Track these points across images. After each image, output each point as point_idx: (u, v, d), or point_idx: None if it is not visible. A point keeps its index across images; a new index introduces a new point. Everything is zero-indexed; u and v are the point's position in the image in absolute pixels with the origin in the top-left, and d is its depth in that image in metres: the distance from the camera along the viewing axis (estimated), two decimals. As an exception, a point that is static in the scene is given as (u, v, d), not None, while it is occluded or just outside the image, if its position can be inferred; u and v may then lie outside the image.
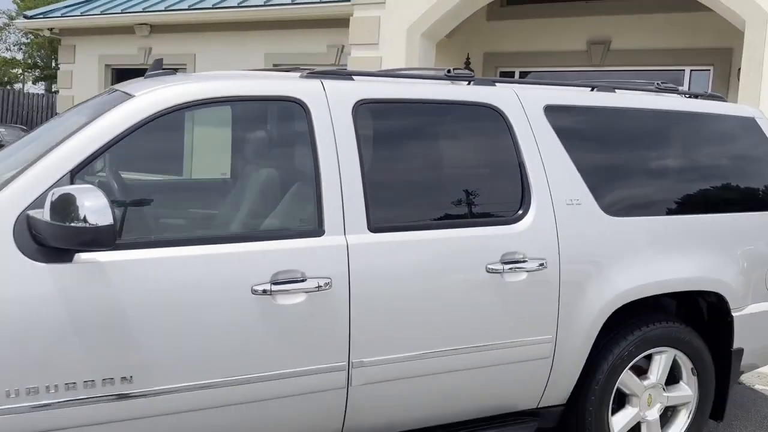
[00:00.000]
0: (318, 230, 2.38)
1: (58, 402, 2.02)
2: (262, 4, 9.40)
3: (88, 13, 10.92)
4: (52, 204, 1.93)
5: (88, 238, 1.87)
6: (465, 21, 7.48)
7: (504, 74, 8.65)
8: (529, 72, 8.58)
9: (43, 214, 1.93)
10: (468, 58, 8.49)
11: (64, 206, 1.89)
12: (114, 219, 1.88)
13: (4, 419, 1.95)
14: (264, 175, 2.51)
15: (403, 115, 2.69)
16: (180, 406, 2.18)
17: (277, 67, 3.05)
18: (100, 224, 1.86)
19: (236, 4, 9.64)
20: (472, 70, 8.12)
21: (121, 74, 11.41)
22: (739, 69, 6.34)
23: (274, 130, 2.59)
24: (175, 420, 2.19)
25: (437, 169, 2.75)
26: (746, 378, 4.48)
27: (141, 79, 2.73)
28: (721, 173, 3.38)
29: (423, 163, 2.71)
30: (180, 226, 2.37)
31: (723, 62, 7.42)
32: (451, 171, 2.79)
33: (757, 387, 4.46)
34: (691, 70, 7.74)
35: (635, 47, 7.79)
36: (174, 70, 2.73)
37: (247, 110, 2.52)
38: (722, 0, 5.78)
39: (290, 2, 9.16)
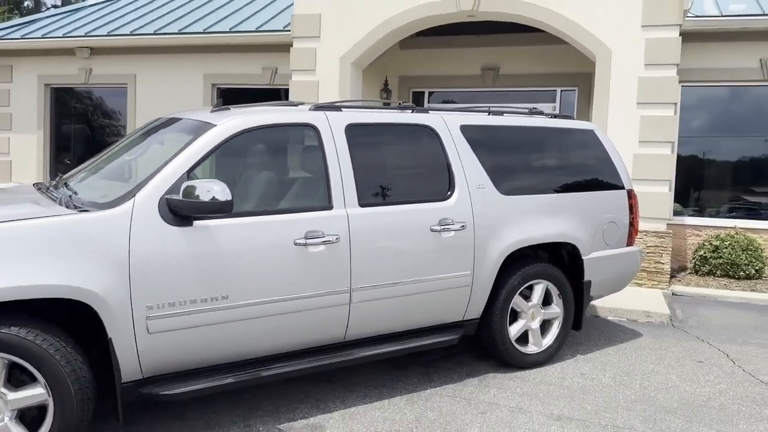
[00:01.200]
0: (329, 206, 3.83)
1: (187, 310, 3.34)
2: (202, 31, 10.36)
3: (28, 36, 11.34)
4: (187, 189, 3.26)
5: (216, 208, 3.22)
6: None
7: (415, 94, 10.33)
8: (435, 92, 10.31)
9: (180, 196, 3.27)
10: (386, 81, 10.09)
11: (199, 190, 3.23)
12: (231, 196, 3.25)
13: (167, 319, 3.26)
14: (296, 172, 3.96)
15: (374, 132, 4.18)
16: (254, 313, 3.55)
17: (287, 102, 4.37)
18: (224, 200, 3.22)
19: (177, 31, 10.51)
20: (390, 91, 9.79)
21: (60, 93, 12.04)
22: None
23: (299, 144, 4.02)
24: (252, 322, 3.55)
25: (397, 166, 4.26)
26: (602, 312, 6.33)
27: (207, 110, 4.02)
28: (573, 167, 5.11)
29: (388, 163, 4.22)
30: (253, 205, 3.72)
31: (585, 84, 9.45)
32: (406, 167, 4.31)
33: (609, 318, 6.31)
34: (561, 90, 9.74)
35: (518, 72, 9.70)
36: (227, 107, 4.04)
37: (282, 132, 3.92)
38: (579, 39, 7.68)
39: (228, 31, 10.21)
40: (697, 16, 7.95)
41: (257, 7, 11.12)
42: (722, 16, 8.03)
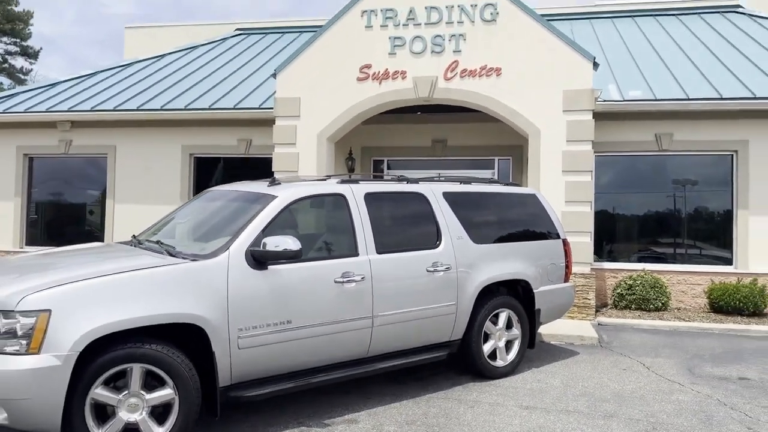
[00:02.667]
0: (356, 253, 5.18)
1: (264, 332, 4.56)
2: (183, 108, 11.57)
3: (10, 110, 12.15)
4: (266, 243, 4.54)
5: (291, 255, 4.51)
6: (349, 125, 10.60)
7: (376, 162, 11.91)
8: (393, 160, 11.92)
9: (261, 248, 4.53)
10: (350, 151, 11.61)
11: (276, 243, 4.51)
12: (300, 246, 4.55)
13: (251, 338, 4.47)
14: (332, 228, 5.32)
15: (384, 198, 5.59)
16: (308, 334, 4.78)
17: (316, 177, 5.81)
18: (297, 248, 4.52)
19: (159, 107, 11.69)
20: (354, 159, 11.29)
21: (40, 163, 12.80)
22: (527, 159, 10.13)
23: (333, 208, 5.37)
24: (309, 341, 4.78)
25: (400, 223, 5.68)
26: (547, 338, 7.85)
27: (263, 184, 5.32)
28: (522, 222, 6.69)
29: (394, 220, 5.63)
30: (306, 252, 4.99)
31: (517, 154, 11.32)
32: (406, 224, 5.73)
33: (553, 342, 7.83)
34: (498, 159, 11.58)
35: (463, 144, 11.49)
36: (279, 181, 5.35)
37: (321, 200, 5.28)
38: (515, 121, 9.49)
39: (208, 107, 11.48)
40: (605, 101, 9.97)
41: (232, 84, 12.49)
42: (624, 100, 10.09)
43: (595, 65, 9.38)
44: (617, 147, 10.48)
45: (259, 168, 11.64)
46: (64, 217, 12.83)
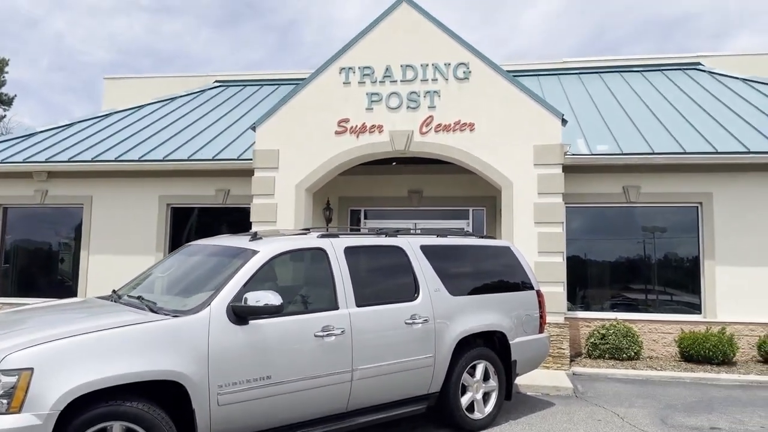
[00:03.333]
0: (336, 306, 5.26)
1: (244, 388, 4.59)
2: (162, 159, 11.68)
3: (-14, 161, 12.18)
4: (247, 298, 4.61)
5: (272, 310, 4.58)
6: (327, 177, 10.79)
7: (353, 212, 12.09)
8: (370, 210, 12.11)
9: (245, 303, 4.60)
10: (328, 201, 11.77)
11: (257, 298, 4.59)
12: (282, 301, 4.62)
13: (231, 395, 4.49)
14: (313, 281, 5.40)
15: (363, 252, 5.72)
16: (290, 389, 4.82)
17: (294, 230, 5.87)
18: (278, 303, 4.59)
19: (137, 158, 11.78)
20: (331, 209, 11.44)
21: (15, 212, 12.69)
22: (500, 210, 10.39)
23: (314, 262, 5.47)
24: (288, 396, 4.81)
25: (379, 276, 5.80)
26: (523, 389, 7.92)
27: (244, 238, 5.41)
28: (497, 273, 6.85)
29: (373, 273, 5.74)
30: (286, 306, 5.06)
31: (491, 205, 11.61)
32: (385, 276, 5.85)
33: (529, 393, 7.91)
34: (473, 209, 11.85)
35: (438, 195, 11.75)
36: (260, 236, 5.46)
37: (302, 254, 5.38)
38: (489, 174, 9.78)
39: (186, 158, 11.59)
40: (574, 155, 10.33)
41: (211, 135, 12.65)
42: (592, 154, 10.47)
43: (564, 121, 9.77)
44: (587, 198, 10.82)
45: (237, 218, 11.73)
46: (38, 267, 12.66)
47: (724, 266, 10.35)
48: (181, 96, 15.95)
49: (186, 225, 12.15)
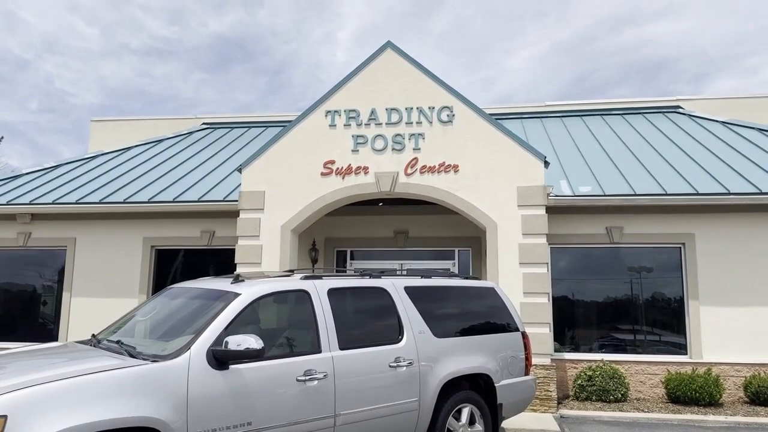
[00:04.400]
0: (319, 350, 5.21)
1: (225, 434, 4.50)
2: (146, 201, 11.66)
3: (-31, 203, 12.09)
4: (228, 342, 4.56)
5: (253, 354, 4.53)
6: (312, 218, 10.82)
7: (339, 252, 12.08)
8: (356, 251, 12.10)
9: (226, 347, 4.54)
10: (314, 242, 11.77)
11: (238, 342, 4.54)
12: (263, 345, 4.57)
13: (210, 439, 4.39)
14: (295, 324, 5.35)
15: (346, 293, 5.70)
16: (271, 435, 4.74)
17: (277, 272, 5.84)
18: (259, 347, 4.54)
19: (122, 200, 11.75)
20: (317, 250, 11.42)
21: (-4, 254, 12.56)
22: (486, 250, 10.43)
23: (297, 304, 5.43)
24: (269, 441, 4.73)
25: (363, 318, 5.76)
26: (510, 431, 7.82)
27: (226, 281, 5.38)
28: (481, 315, 6.83)
29: (356, 315, 5.71)
30: (268, 350, 5.00)
31: (476, 245, 11.66)
32: (369, 318, 5.81)
33: (515, 437, 7.80)
34: (458, 250, 11.88)
35: (424, 235, 11.79)
36: (242, 278, 5.43)
37: (285, 296, 5.35)
38: (473, 215, 9.87)
39: (171, 200, 11.59)
40: (557, 196, 10.45)
41: (197, 177, 12.68)
42: (575, 195, 10.60)
43: (546, 164, 9.91)
44: (571, 239, 10.90)
45: (222, 259, 11.67)
46: (20, 310, 12.45)
47: (708, 306, 10.41)
48: (168, 138, 16.03)
49: (171, 267, 12.06)
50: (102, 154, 14.92)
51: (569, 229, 10.86)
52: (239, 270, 9.84)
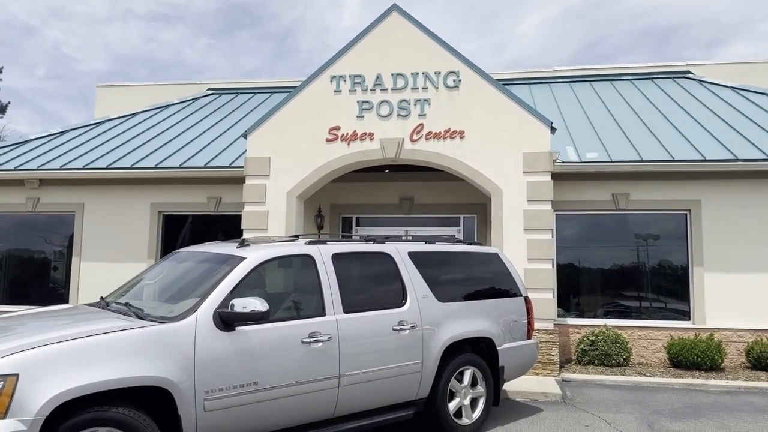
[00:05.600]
0: (323, 313, 5.30)
1: (230, 394, 4.61)
2: (153, 167, 11.70)
3: (-22, 168, 12.18)
4: (233, 304, 4.64)
5: (258, 316, 4.61)
6: (318, 184, 10.84)
7: (345, 219, 12.13)
8: (362, 217, 12.16)
9: (232, 309, 4.63)
10: (320, 208, 11.82)
11: (244, 305, 4.62)
12: (269, 308, 4.65)
13: (217, 401, 4.50)
14: (300, 288, 5.43)
15: (351, 258, 5.76)
16: (277, 395, 4.84)
17: (280, 237, 5.92)
18: (264, 310, 4.62)
19: (129, 166, 11.80)
20: (323, 216, 11.47)
21: (6, 220, 12.67)
22: (491, 217, 10.44)
23: (301, 269, 5.50)
24: (275, 402, 4.84)
25: (367, 282, 5.83)
26: (512, 395, 7.95)
27: (232, 245, 5.45)
28: (485, 280, 6.90)
29: (360, 280, 5.78)
30: (273, 313, 5.08)
31: (482, 212, 11.67)
32: (373, 283, 5.88)
33: (518, 399, 7.94)
34: (464, 217, 11.91)
35: (429, 202, 11.81)
36: (248, 243, 5.49)
37: (290, 260, 5.42)
38: (478, 181, 9.86)
39: (178, 166, 11.63)
40: (564, 162, 10.41)
41: (203, 143, 12.69)
42: (581, 162, 10.55)
43: (553, 129, 9.85)
44: (577, 206, 10.89)
45: (228, 225, 11.76)
46: (30, 275, 12.65)
47: (712, 273, 10.43)
48: (174, 104, 15.99)
49: (178, 232, 12.17)
50: (108, 120, 14.92)
51: (575, 196, 10.84)
52: (245, 236, 9.91)
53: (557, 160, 10.05)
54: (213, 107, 15.58)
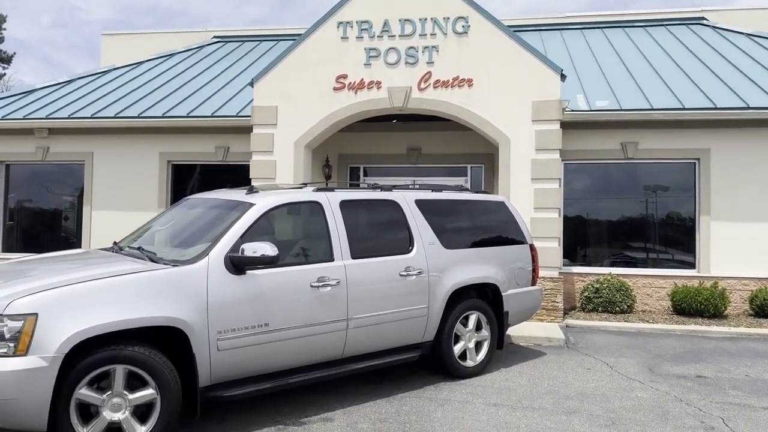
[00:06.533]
0: (332, 258, 5.40)
1: (243, 335, 4.76)
2: (161, 115, 11.70)
3: (-14, 118, 12.22)
4: (244, 249, 4.74)
5: (268, 260, 4.72)
6: (326, 133, 10.83)
7: (352, 169, 12.16)
8: (369, 167, 12.17)
9: (242, 254, 4.73)
10: (327, 158, 11.83)
11: (254, 249, 4.72)
12: (278, 252, 4.75)
13: (230, 341, 4.66)
14: (309, 234, 5.52)
15: (358, 205, 5.83)
16: (287, 336, 4.99)
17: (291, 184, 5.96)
18: (274, 254, 4.72)
19: (137, 115, 11.81)
20: (330, 166, 11.51)
21: (17, 170, 12.80)
22: (498, 166, 10.44)
23: (309, 215, 5.58)
24: (286, 343, 4.99)
25: (374, 229, 5.92)
26: (516, 339, 8.13)
27: (241, 192, 5.52)
28: (491, 228, 6.97)
29: (367, 227, 5.86)
30: (282, 258, 5.19)
31: (489, 162, 11.65)
32: (380, 230, 5.97)
33: (521, 343, 8.12)
34: (471, 167, 11.89)
35: (437, 152, 11.78)
36: (256, 189, 5.56)
37: (298, 207, 5.50)
38: (486, 130, 9.80)
39: (186, 115, 11.61)
40: (573, 110, 10.32)
41: (210, 91, 12.64)
42: (591, 110, 10.46)
43: (563, 77, 9.74)
44: (585, 155, 10.86)
45: (236, 175, 11.82)
46: (41, 223, 12.84)
47: (719, 222, 10.46)
48: (179, 52, 15.84)
49: (187, 182, 12.26)
50: (114, 69, 14.84)
51: (584, 145, 10.79)
52: (255, 183, 9.99)
53: (567, 109, 9.96)
54: (219, 55, 15.43)
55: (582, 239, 11.19)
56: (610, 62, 12.77)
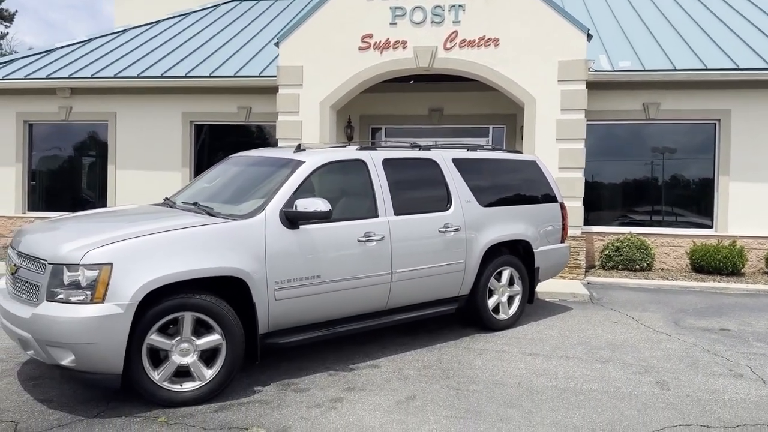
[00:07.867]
0: (376, 214, 5.59)
1: (297, 285, 4.98)
2: (183, 75, 11.74)
3: (10, 77, 12.22)
4: (298, 204, 4.93)
5: (322, 215, 4.90)
6: (349, 94, 10.90)
7: (374, 130, 12.25)
8: (391, 128, 12.26)
9: (296, 209, 4.91)
10: (349, 119, 11.92)
11: (308, 204, 4.90)
12: (330, 207, 4.94)
13: (286, 291, 4.88)
14: (354, 191, 5.70)
15: (400, 164, 5.99)
16: (337, 287, 5.21)
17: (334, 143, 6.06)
18: (327, 209, 4.90)
19: (159, 75, 11.84)
20: (353, 127, 11.62)
21: (40, 129, 12.92)
22: (521, 127, 10.56)
23: (355, 173, 5.73)
24: (335, 294, 5.21)
25: (415, 187, 6.09)
26: (542, 295, 8.39)
27: (289, 150, 5.68)
28: (523, 186, 7.14)
29: (409, 184, 6.03)
30: (333, 214, 5.36)
31: (511, 122, 11.74)
32: (420, 187, 6.14)
33: (548, 299, 8.38)
34: (493, 128, 11.99)
35: (459, 113, 11.86)
36: (304, 148, 5.71)
37: (344, 164, 5.65)
38: (511, 90, 9.88)
39: (207, 75, 11.66)
40: (596, 71, 10.36)
41: (230, 51, 12.65)
42: (614, 71, 10.50)
43: (589, 36, 9.76)
44: (607, 116, 10.94)
45: (259, 135, 11.94)
46: (64, 183, 13.01)
47: (738, 182, 10.61)
48: (195, 11, 15.76)
49: (210, 142, 12.38)
50: (132, 28, 14.79)
51: (605, 106, 10.86)
52: (281, 144, 10.12)
53: (591, 69, 10.01)
54: (236, 14, 15.35)
55: (601, 200, 11.35)
56: (631, 21, 12.72)
